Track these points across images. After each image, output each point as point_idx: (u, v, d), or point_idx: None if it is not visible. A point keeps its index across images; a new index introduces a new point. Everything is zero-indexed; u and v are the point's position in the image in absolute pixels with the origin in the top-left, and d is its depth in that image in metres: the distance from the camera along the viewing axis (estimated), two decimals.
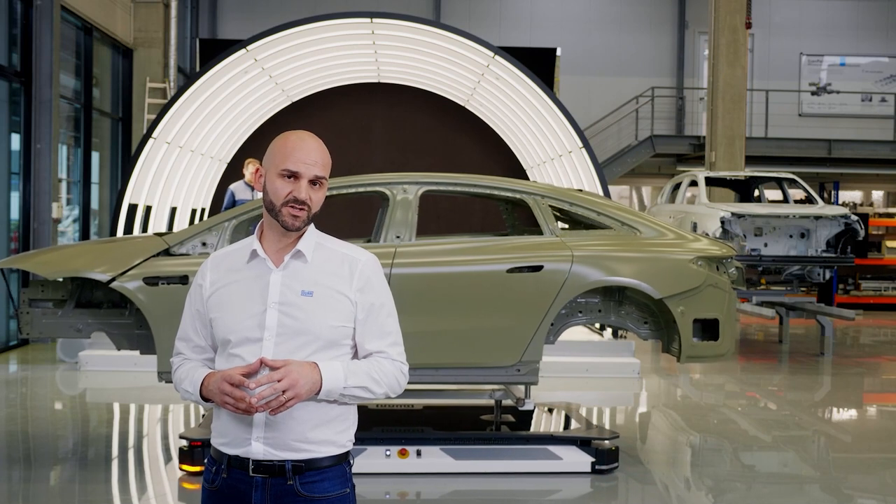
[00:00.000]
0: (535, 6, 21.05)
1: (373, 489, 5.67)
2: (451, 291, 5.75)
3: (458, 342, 5.74)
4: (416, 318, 5.61)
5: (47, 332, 5.92)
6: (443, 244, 6.03)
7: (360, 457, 5.83)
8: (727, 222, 10.87)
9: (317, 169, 2.47)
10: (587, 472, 6.08)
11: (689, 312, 5.83)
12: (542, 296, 5.73)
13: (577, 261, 5.76)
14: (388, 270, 5.63)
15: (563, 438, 6.19)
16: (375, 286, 2.55)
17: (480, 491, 5.88)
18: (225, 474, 2.48)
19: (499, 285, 5.73)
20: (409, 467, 5.95)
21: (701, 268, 5.90)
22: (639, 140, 19.78)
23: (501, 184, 6.26)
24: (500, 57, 11.50)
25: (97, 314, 5.87)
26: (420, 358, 5.62)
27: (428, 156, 14.34)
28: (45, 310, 5.84)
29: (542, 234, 5.98)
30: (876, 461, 7.04)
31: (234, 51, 11.35)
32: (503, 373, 5.82)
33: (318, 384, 2.39)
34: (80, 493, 5.73)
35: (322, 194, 2.52)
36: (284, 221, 2.47)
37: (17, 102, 11.15)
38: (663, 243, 6.01)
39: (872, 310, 17.32)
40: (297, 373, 2.35)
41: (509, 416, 6.77)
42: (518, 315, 5.74)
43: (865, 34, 21.47)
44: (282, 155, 2.47)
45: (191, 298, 2.60)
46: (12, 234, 11.12)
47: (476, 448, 6.08)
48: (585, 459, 6.09)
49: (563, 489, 5.99)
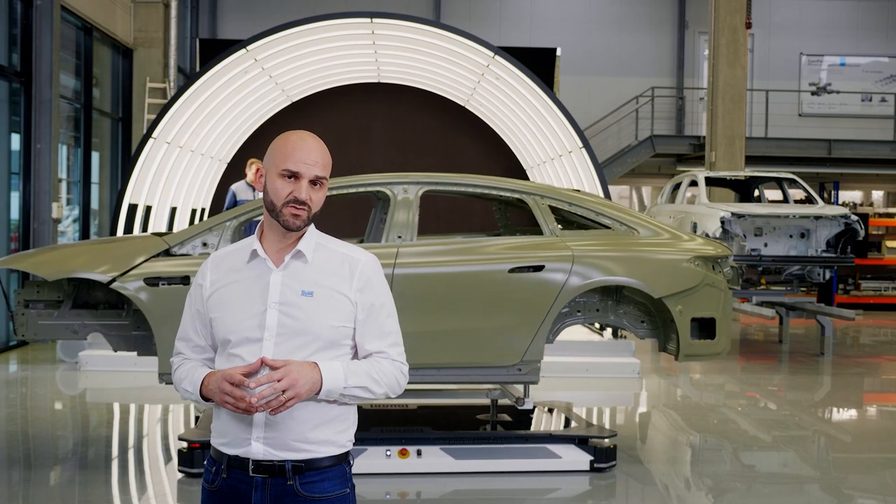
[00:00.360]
0: (535, 6, 21.05)
1: (373, 489, 5.67)
2: (454, 291, 5.76)
3: (461, 342, 5.76)
4: (420, 318, 5.63)
5: (43, 335, 5.81)
6: (444, 244, 6.03)
7: (361, 457, 5.83)
8: (727, 222, 10.87)
9: (317, 169, 2.47)
10: (586, 471, 6.11)
11: (686, 311, 5.90)
12: (544, 295, 5.77)
13: (578, 261, 5.80)
14: (390, 271, 5.63)
15: (561, 437, 6.22)
16: (375, 286, 2.55)
17: (480, 490, 5.88)
18: (225, 474, 2.48)
19: (501, 285, 5.76)
20: (410, 467, 5.95)
21: (698, 267, 5.97)
22: (639, 140, 19.78)
23: (501, 184, 6.26)
24: (500, 57, 11.50)
25: (94, 315, 5.79)
26: (423, 358, 5.66)
27: (428, 156, 14.34)
28: (41, 311, 5.74)
29: (542, 233, 6.00)
30: (876, 461, 7.04)
31: (234, 51, 11.35)
32: (505, 372, 5.85)
33: (319, 384, 2.39)
34: (80, 493, 5.73)
35: (322, 194, 2.52)
36: (285, 221, 2.47)
37: (17, 102, 11.16)
38: (661, 243, 6.06)
39: (872, 310, 17.32)
40: (297, 372, 2.35)
41: (505, 415, 6.78)
42: (520, 314, 5.77)
43: (865, 34, 21.47)
44: (282, 155, 2.48)
45: (191, 298, 2.60)
46: (12, 234, 11.12)
47: (476, 448, 6.09)
48: (584, 458, 6.13)
49: (561, 487, 6.00)
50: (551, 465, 6.09)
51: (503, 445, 6.15)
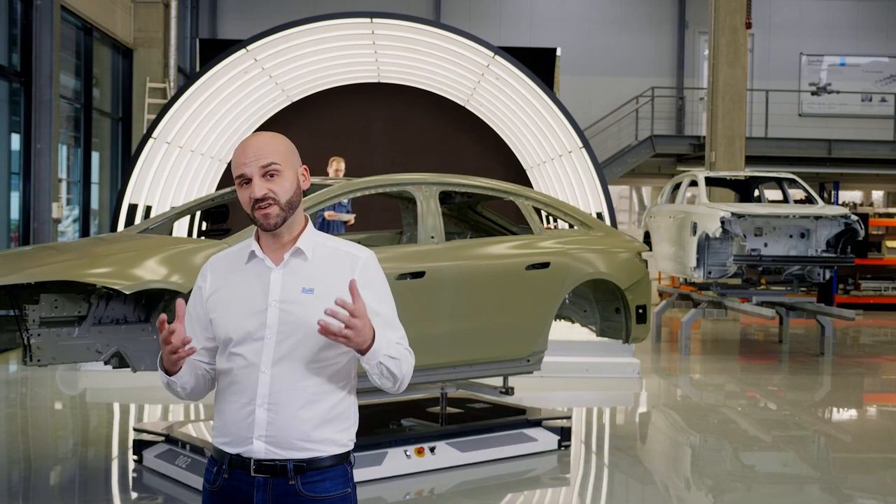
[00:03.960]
0: (535, 6, 21.05)
1: (394, 491, 5.67)
2: (486, 289, 6.08)
3: (490, 337, 6.11)
4: (456, 318, 5.92)
5: (64, 357, 4.87)
6: (470, 245, 6.22)
7: (386, 461, 5.87)
8: (727, 222, 10.86)
9: (260, 161, 2.45)
10: (555, 450, 6.54)
11: (634, 300, 6.66)
12: (551, 290, 6.28)
13: (571, 257, 6.36)
14: (437, 271, 5.80)
15: (536, 422, 6.65)
16: (377, 282, 2.55)
17: (486, 478, 5.89)
18: (226, 475, 2.49)
19: (520, 282, 6.16)
20: (427, 465, 6.02)
21: (641, 261, 6.81)
22: (639, 140, 19.77)
23: (494, 185, 6.54)
24: (500, 57, 11.50)
25: (117, 332, 5.02)
26: (455, 356, 5.96)
27: (428, 156, 14.34)
28: (60, 331, 4.80)
29: (533, 233, 6.46)
30: (876, 461, 7.04)
31: (234, 51, 11.35)
32: (518, 364, 6.30)
33: (370, 341, 2.36)
34: (80, 493, 5.73)
35: (286, 182, 2.46)
36: (260, 224, 2.48)
37: (17, 102, 11.16)
38: (615, 241, 6.78)
39: (872, 310, 17.32)
40: (366, 319, 2.33)
41: (453, 408, 6.97)
42: (534, 309, 6.24)
43: (865, 34, 21.46)
44: (234, 166, 2.49)
45: (192, 301, 2.60)
46: (12, 234, 11.12)
47: (474, 439, 6.32)
48: (553, 438, 6.59)
49: (538, 467, 6.05)
50: (533, 448, 6.49)
51: (493, 434, 6.44)
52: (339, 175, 10.22)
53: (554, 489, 6.11)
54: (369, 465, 5.71)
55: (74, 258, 4.92)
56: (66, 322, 4.87)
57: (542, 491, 6.09)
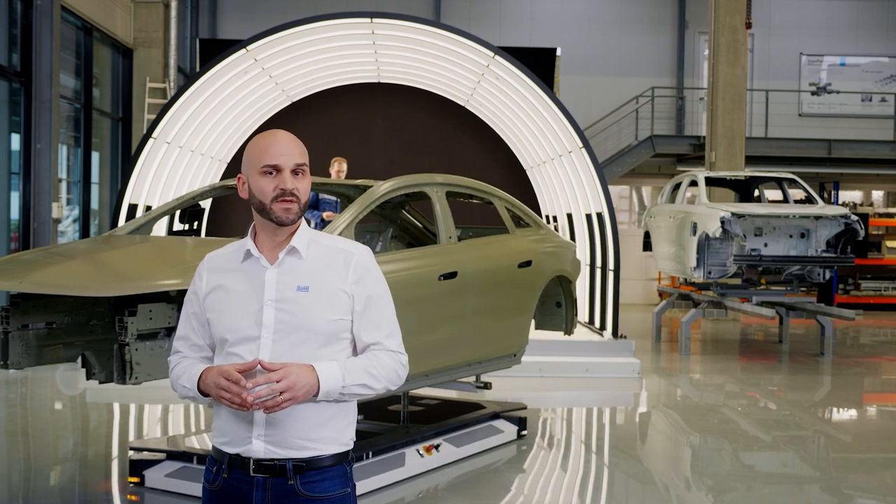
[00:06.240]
0: (535, 6, 21.05)
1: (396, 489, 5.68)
2: (499, 288, 6.27)
3: (495, 335, 6.32)
4: (479, 316, 6.07)
5: (160, 373, 4.54)
6: (475, 245, 6.32)
7: (406, 461, 5.90)
8: (727, 222, 10.86)
9: (296, 157, 2.49)
10: (515, 439, 6.84)
11: (573, 293, 7.12)
12: (534, 287, 6.61)
13: (545, 255, 6.72)
14: (465, 272, 5.90)
15: (500, 414, 6.94)
16: (371, 278, 2.55)
17: (473, 471, 5.89)
18: (226, 474, 2.49)
19: (515, 280, 6.43)
20: (434, 462, 6.08)
21: (578, 259, 7.31)
22: (639, 140, 19.76)
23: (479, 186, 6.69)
24: (500, 57, 11.49)
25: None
26: (467, 355, 6.10)
27: (428, 156, 14.34)
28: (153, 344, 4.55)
29: (508, 232, 6.70)
30: (876, 461, 7.04)
31: (234, 51, 11.34)
32: (507, 360, 6.57)
33: (316, 387, 2.39)
34: (80, 493, 5.73)
35: (307, 183, 2.52)
36: (278, 217, 2.47)
37: (17, 102, 11.16)
38: (562, 239, 7.16)
39: (872, 310, 17.32)
40: (295, 375, 2.35)
41: (415, 406, 7.07)
42: (523, 306, 6.54)
43: (865, 34, 21.45)
44: (258, 155, 2.49)
45: (188, 300, 2.60)
46: (12, 234, 11.12)
47: (462, 433, 6.53)
48: (513, 428, 6.89)
49: (502, 457, 6.03)
50: (503, 438, 6.78)
51: (473, 428, 6.67)
52: (340, 176, 10.21)
53: (537, 482, 6.10)
54: (394, 467, 5.75)
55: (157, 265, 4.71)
56: (153, 335, 4.57)
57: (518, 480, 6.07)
